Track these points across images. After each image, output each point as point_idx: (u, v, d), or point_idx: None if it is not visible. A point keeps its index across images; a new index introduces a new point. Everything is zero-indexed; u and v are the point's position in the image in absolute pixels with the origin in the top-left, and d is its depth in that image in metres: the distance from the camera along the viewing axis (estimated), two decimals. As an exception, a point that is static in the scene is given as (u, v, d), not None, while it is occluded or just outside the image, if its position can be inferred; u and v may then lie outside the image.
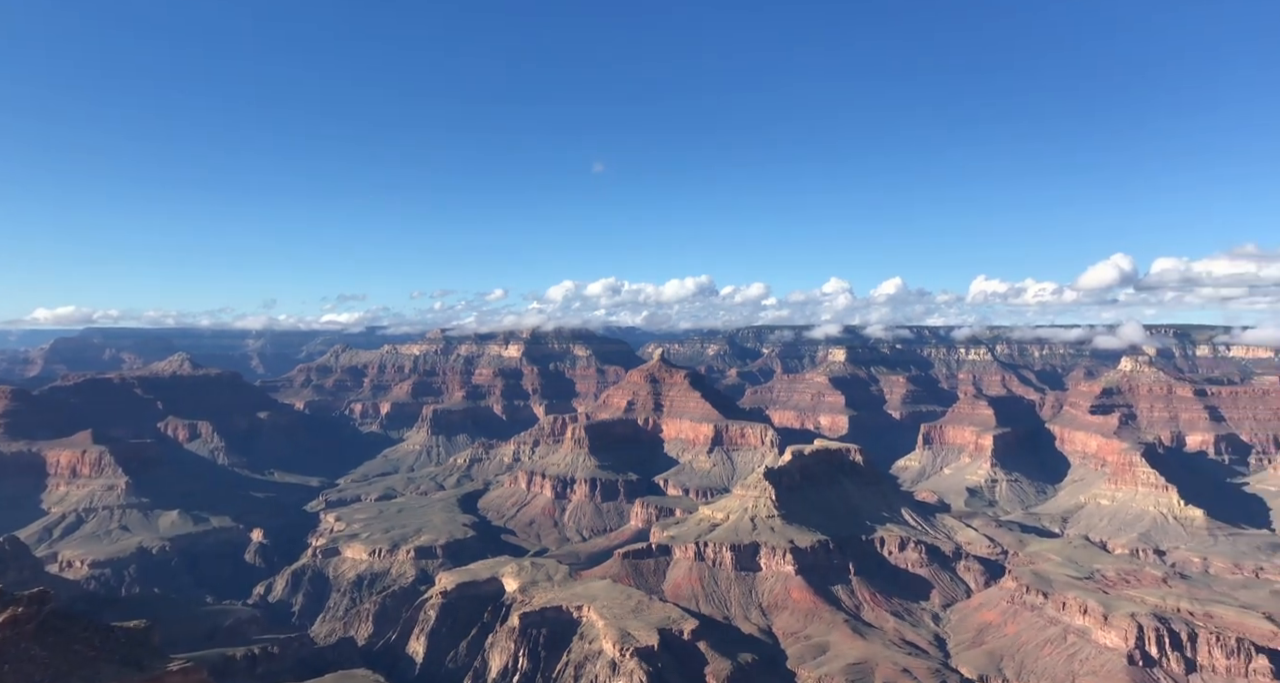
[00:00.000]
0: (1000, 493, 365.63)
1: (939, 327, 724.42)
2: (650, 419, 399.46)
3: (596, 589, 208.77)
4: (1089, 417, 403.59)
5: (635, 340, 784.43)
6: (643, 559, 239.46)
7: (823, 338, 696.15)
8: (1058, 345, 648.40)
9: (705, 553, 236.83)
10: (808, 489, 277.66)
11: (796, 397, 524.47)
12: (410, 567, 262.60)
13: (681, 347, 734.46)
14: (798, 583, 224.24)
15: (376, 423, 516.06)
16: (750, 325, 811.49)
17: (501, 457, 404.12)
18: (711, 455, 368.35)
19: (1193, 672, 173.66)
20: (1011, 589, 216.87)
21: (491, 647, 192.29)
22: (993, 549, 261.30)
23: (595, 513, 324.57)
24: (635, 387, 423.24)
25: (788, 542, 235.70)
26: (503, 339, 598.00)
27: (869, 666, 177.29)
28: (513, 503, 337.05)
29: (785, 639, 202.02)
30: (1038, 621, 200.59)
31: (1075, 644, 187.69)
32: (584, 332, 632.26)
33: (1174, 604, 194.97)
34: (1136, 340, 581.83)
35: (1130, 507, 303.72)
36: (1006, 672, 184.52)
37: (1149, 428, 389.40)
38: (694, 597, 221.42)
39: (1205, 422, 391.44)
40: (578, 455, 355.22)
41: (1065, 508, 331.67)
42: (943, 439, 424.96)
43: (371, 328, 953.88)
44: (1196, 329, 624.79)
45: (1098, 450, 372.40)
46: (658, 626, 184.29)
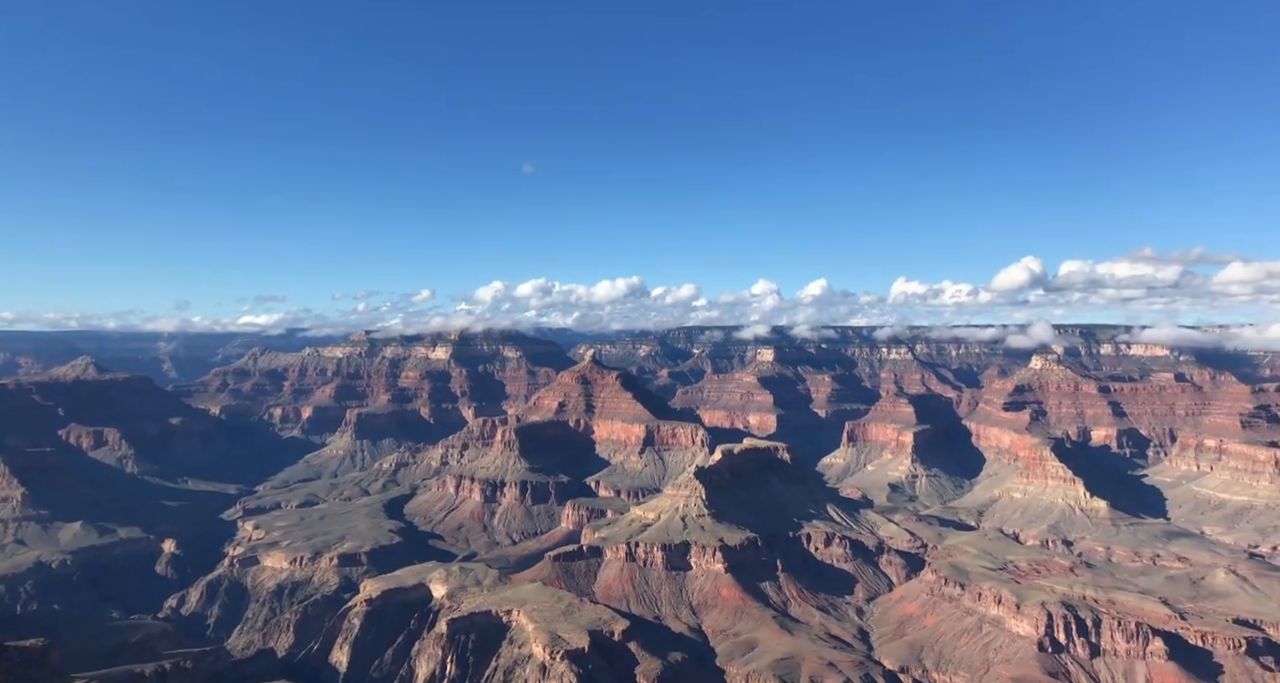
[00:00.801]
0: (920, 488, 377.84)
1: (862, 327, 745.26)
2: (582, 421, 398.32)
3: (527, 593, 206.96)
4: (1002, 413, 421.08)
5: (567, 342, 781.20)
6: (574, 561, 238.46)
7: (752, 338, 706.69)
8: (973, 345, 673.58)
9: (636, 553, 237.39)
10: (737, 488, 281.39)
11: (726, 396, 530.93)
12: (334, 575, 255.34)
13: (613, 348, 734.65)
14: (727, 581, 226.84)
15: (298, 428, 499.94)
16: (681, 326, 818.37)
17: (429, 461, 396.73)
18: (643, 456, 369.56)
19: (1097, 656, 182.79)
20: (931, 582, 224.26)
21: (418, 654, 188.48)
22: (913, 543, 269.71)
23: (526, 516, 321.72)
24: (567, 388, 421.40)
25: (718, 540, 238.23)
26: (430, 341, 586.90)
27: (796, 661, 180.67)
28: (441, 507, 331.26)
29: (715, 637, 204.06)
30: (955, 611, 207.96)
31: (990, 634, 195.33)
32: (514, 333, 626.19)
33: (1080, 592, 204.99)
34: (1046, 340, 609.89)
35: (1041, 500, 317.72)
36: (926, 662, 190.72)
37: (1058, 423, 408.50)
38: (625, 597, 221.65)
39: (1109, 417, 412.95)
40: (508, 458, 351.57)
41: (981, 502, 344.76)
42: (866, 437, 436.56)
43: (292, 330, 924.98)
44: (1100, 328, 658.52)
45: (1011, 446, 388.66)
46: (588, 627, 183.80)
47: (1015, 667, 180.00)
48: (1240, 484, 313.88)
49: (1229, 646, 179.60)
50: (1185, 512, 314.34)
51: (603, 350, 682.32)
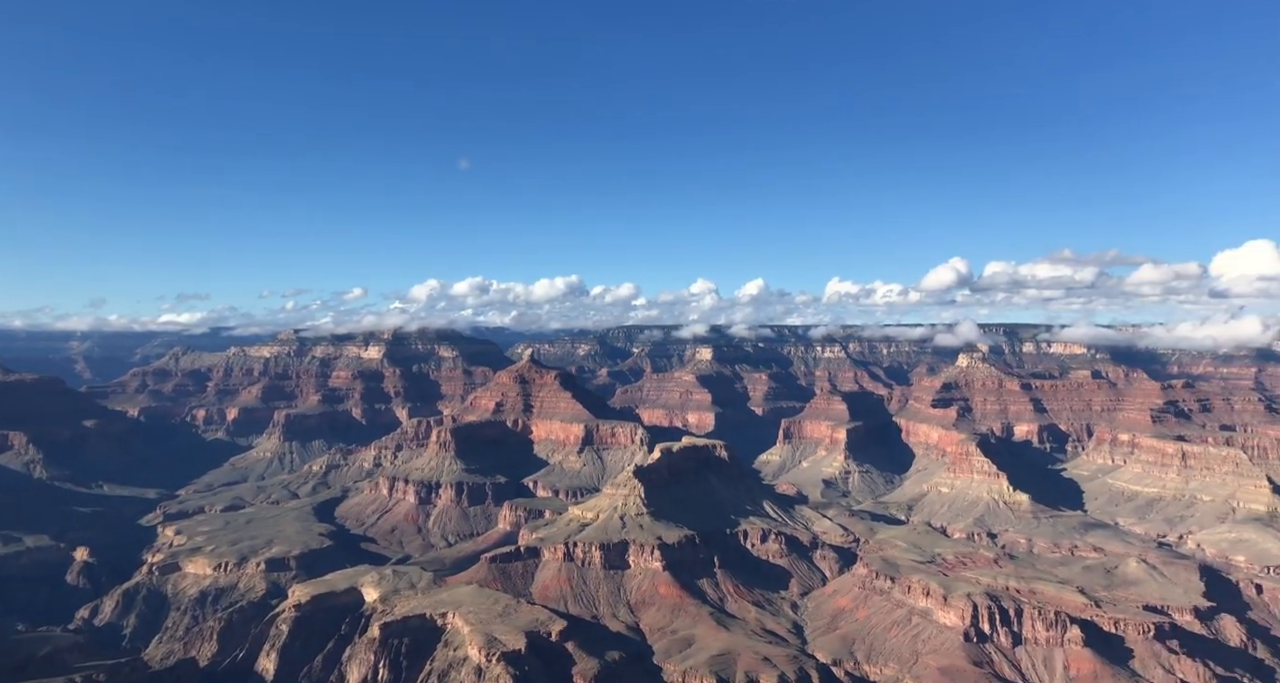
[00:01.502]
0: (853, 484, 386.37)
1: (798, 326, 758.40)
2: (520, 421, 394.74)
3: (462, 595, 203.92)
4: (931, 410, 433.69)
5: (504, 341, 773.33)
6: (511, 562, 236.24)
7: (690, 337, 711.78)
8: (904, 343, 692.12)
9: (574, 553, 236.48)
10: (676, 486, 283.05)
11: (666, 395, 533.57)
12: (260, 580, 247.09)
13: (552, 347, 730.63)
14: (665, 579, 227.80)
15: (222, 430, 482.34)
16: (620, 325, 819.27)
17: (361, 462, 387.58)
18: (582, 455, 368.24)
19: (1019, 645, 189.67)
20: (863, 576, 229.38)
21: (349, 660, 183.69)
22: (846, 538, 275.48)
23: (462, 518, 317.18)
24: (504, 388, 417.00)
25: (656, 539, 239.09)
26: (362, 340, 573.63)
27: (732, 656, 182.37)
28: (373, 510, 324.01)
29: (652, 635, 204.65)
30: (886, 604, 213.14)
31: (919, 625, 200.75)
32: (450, 332, 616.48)
33: (1004, 583, 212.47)
34: (972, 338, 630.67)
35: (967, 493, 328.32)
36: (858, 654, 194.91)
37: (983, 419, 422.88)
38: (563, 598, 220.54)
39: (1030, 413, 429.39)
40: (443, 459, 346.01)
41: (911, 496, 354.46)
42: (801, 434, 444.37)
43: (216, 329, 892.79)
44: (1023, 328, 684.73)
45: (939, 441, 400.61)
46: (525, 629, 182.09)
47: (942, 657, 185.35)
48: (1151, 477, 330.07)
49: (1139, 631, 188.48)
50: (1100, 504, 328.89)
51: (541, 350, 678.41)
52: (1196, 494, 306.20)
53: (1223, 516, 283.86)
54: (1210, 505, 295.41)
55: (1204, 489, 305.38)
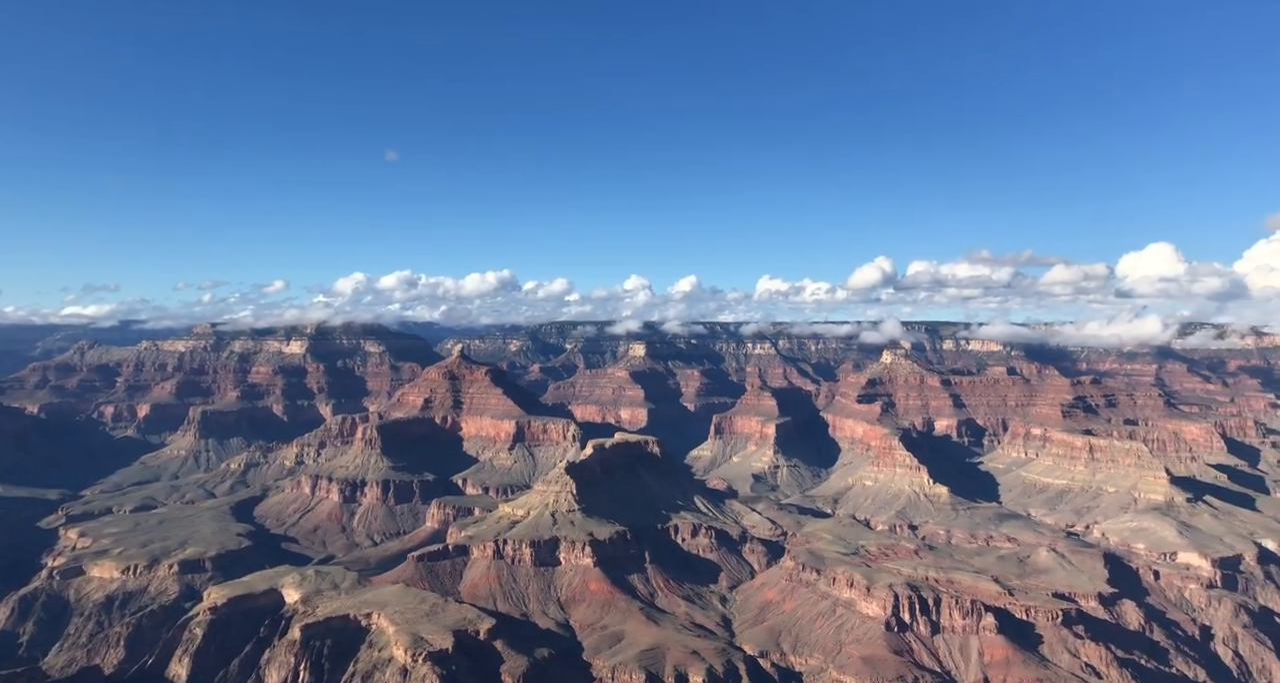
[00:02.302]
0: (782, 478, 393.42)
1: (730, 323, 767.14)
2: (449, 417, 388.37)
3: (388, 595, 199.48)
4: (856, 405, 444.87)
5: (433, 336, 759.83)
6: (439, 561, 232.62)
7: (624, 333, 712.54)
8: (831, 340, 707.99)
9: (504, 551, 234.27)
10: (608, 482, 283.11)
11: (599, 391, 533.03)
12: (173, 583, 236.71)
13: (483, 342, 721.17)
14: (596, 575, 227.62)
15: (133, 427, 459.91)
16: (553, 321, 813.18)
17: (283, 460, 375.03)
18: (513, 452, 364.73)
19: (937, 633, 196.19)
20: (790, 568, 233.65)
21: (268, 663, 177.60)
22: (774, 531, 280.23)
23: (388, 516, 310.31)
24: (433, 384, 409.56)
25: (587, 535, 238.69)
26: (284, 334, 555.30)
27: (661, 650, 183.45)
28: (295, 509, 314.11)
29: (583, 631, 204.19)
30: (812, 596, 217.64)
31: (843, 616, 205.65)
32: (376, 327, 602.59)
33: (923, 574, 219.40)
34: (896, 336, 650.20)
35: (890, 487, 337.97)
36: (784, 646, 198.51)
37: (905, 414, 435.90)
38: (492, 596, 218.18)
39: (950, 408, 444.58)
40: (369, 457, 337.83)
41: (836, 490, 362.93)
42: (732, 429, 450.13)
43: (126, 322, 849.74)
44: (943, 325, 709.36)
45: (864, 436, 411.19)
46: (453, 628, 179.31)
47: (865, 647, 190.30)
48: (1061, 469, 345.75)
49: (1048, 617, 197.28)
50: (1014, 495, 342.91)
51: (471, 345, 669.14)
52: (1102, 486, 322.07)
53: (1125, 506, 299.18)
54: (1114, 496, 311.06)
55: (1109, 481, 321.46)
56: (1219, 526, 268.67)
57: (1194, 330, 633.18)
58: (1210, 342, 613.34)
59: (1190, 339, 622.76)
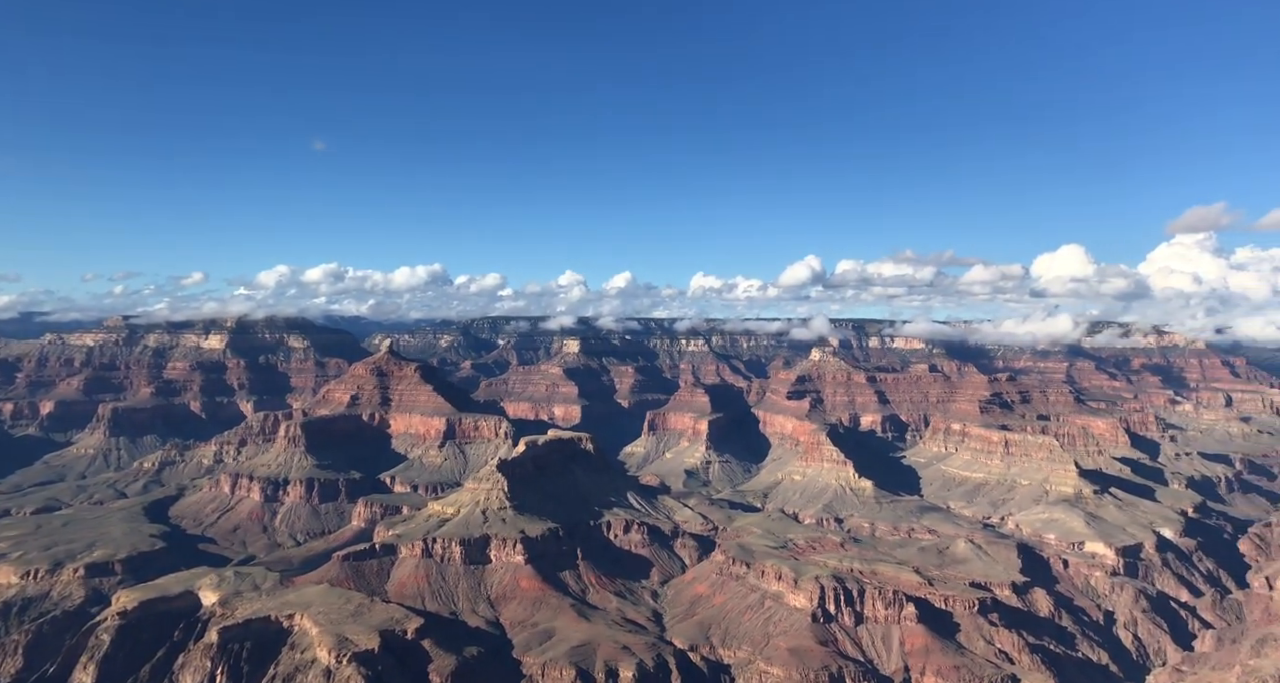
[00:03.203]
0: (714, 473, 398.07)
1: (664, 319, 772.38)
2: (377, 414, 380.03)
3: (311, 595, 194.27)
4: (786, 401, 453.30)
5: (361, 331, 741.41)
6: (365, 560, 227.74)
7: (558, 329, 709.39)
8: (762, 337, 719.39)
9: (434, 549, 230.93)
10: (541, 479, 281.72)
11: (532, 388, 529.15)
12: (78, 587, 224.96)
13: (412, 338, 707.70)
14: (527, 572, 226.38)
15: (35, 425, 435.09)
16: (486, 317, 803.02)
17: (200, 459, 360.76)
18: (443, 449, 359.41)
19: (861, 623, 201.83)
20: (720, 562, 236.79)
21: (182, 668, 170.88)
22: (706, 526, 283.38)
23: (312, 515, 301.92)
24: (360, 380, 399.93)
25: (519, 532, 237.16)
26: (202, 328, 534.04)
27: (592, 646, 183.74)
28: (213, 509, 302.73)
29: (513, 629, 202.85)
30: (741, 589, 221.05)
31: (771, 608, 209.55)
32: (301, 321, 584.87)
33: (849, 566, 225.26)
34: (824, 333, 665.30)
35: (817, 481, 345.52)
36: (713, 639, 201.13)
37: (833, 410, 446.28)
38: (420, 595, 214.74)
39: (875, 404, 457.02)
40: (293, 454, 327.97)
41: (766, 484, 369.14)
42: (666, 425, 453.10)
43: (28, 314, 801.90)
44: (869, 323, 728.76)
45: (793, 431, 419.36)
46: (379, 627, 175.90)
47: (791, 638, 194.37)
48: (978, 463, 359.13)
49: (965, 606, 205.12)
50: (935, 488, 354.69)
51: (401, 341, 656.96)
52: (1016, 478, 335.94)
53: (1038, 497, 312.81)
54: (1027, 489, 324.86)
55: (1023, 474, 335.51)
56: (1122, 516, 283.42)
57: (1101, 329, 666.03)
58: (1116, 340, 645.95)
59: (1098, 338, 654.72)
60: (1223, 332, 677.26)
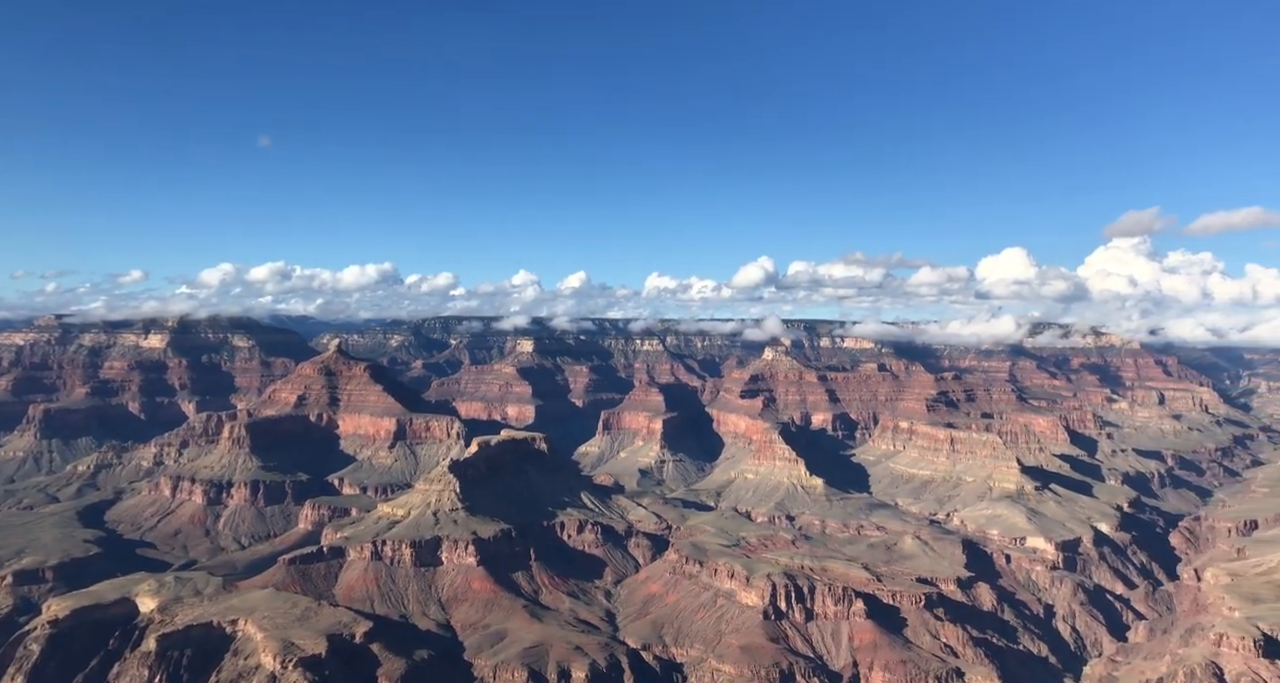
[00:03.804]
0: (668, 472, 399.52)
1: (618, 319, 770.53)
2: (325, 415, 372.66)
3: (256, 600, 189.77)
4: (739, 401, 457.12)
5: (308, 331, 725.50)
6: (312, 564, 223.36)
7: (511, 329, 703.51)
8: (716, 337, 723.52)
9: (383, 552, 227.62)
10: (494, 480, 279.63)
11: (485, 388, 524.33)
12: (5, 596, 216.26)
13: (362, 337, 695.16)
14: (479, 574, 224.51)
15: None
16: (437, 316, 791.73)
17: (139, 462, 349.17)
18: (393, 451, 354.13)
19: (811, 620, 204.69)
20: (673, 561, 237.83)
21: (118, 677, 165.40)
22: (659, 525, 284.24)
23: (257, 518, 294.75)
24: (308, 380, 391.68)
25: (470, 534, 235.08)
26: (142, 327, 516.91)
27: (544, 647, 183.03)
28: (153, 513, 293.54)
29: (464, 631, 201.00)
30: (694, 588, 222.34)
31: (724, 606, 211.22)
32: (246, 320, 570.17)
33: (800, 563, 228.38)
34: (777, 333, 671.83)
35: (770, 479, 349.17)
36: (666, 638, 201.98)
37: (785, 409, 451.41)
38: (369, 598, 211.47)
39: (826, 403, 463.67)
40: (237, 456, 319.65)
41: (720, 483, 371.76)
42: (620, 425, 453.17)
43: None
44: (820, 323, 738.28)
45: (746, 430, 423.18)
46: (327, 632, 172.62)
47: (743, 635, 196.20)
48: (925, 461, 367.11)
49: (912, 602, 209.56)
50: (883, 486, 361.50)
51: (350, 340, 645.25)
52: (962, 476, 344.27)
53: (982, 494, 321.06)
54: (972, 486, 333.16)
55: (968, 471, 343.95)
56: (1062, 511, 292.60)
57: (1043, 330, 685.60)
58: (1056, 341, 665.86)
59: (1039, 338, 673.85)
60: (1156, 332, 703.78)
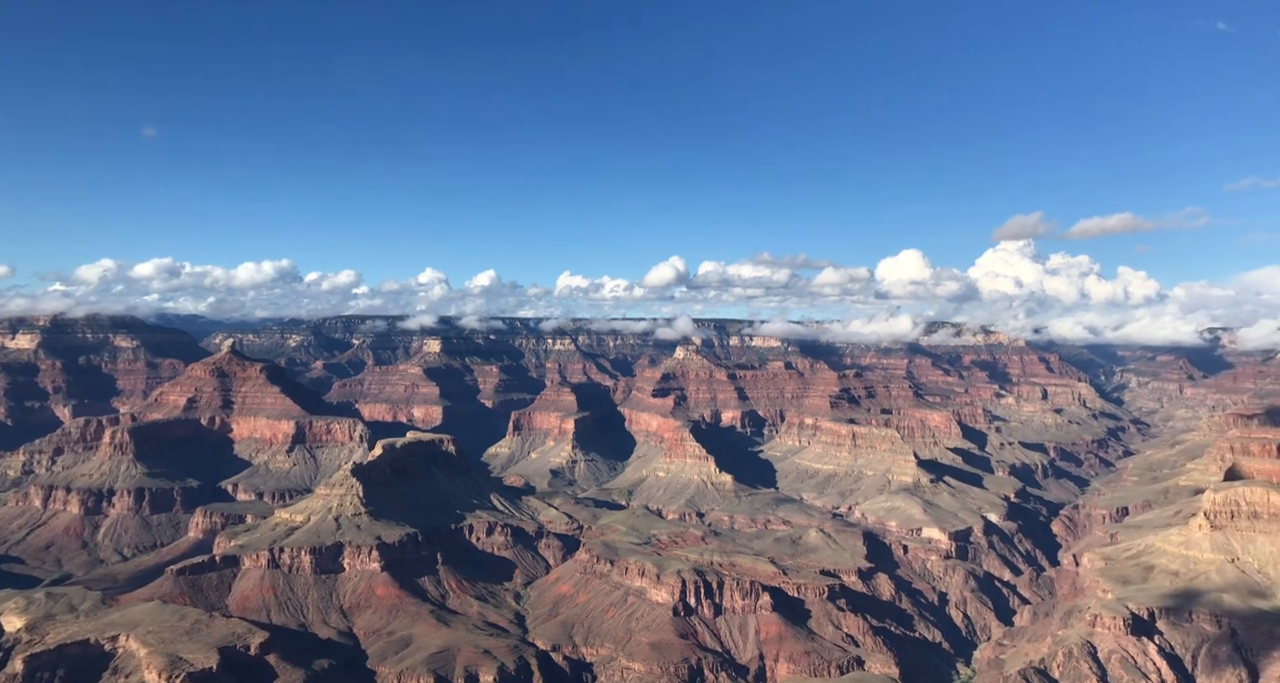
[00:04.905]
0: (580, 472, 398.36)
1: (530, 318, 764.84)
2: (218, 418, 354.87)
3: (139, 614, 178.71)
4: (651, 399, 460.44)
5: (199, 330, 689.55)
6: (203, 574, 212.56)
7: (418, 328, 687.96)
8: (628, 336, 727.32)
9: (281, 559, 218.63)
10: (399, 483, 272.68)
11: (389, 389, 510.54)
12: None
13: (258, 337, 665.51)
14: (383, 579, 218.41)
15: None
16: (339, 315, 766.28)
17: (5, 470, 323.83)
18: (292, 455, 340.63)
19: (720, 615, 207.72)
20: (584, 561, 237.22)
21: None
22: (571, 525, 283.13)
23: (142, 528, 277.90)
24: (199, 382, 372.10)
25: (374, 539, 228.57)
26: (9, 327, 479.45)
27: (451, 652, 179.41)
28: (21, 525, 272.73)
29: (368, 638, 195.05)
30: (605, 587, 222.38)
31: (634, 604, 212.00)
32: (130, 319, 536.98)
33: (709, 559, 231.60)
34: (688, 332, 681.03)
35: (681, 477, 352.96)
36: (576, 638, 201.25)
37: (696, 407, 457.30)
38: (266, 608, 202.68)
39: (735, 400, 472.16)
40: (119, 463, 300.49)
41: (632, 482, 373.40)
42: (531, 425, 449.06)
43: None
44: (730, 323, 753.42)
45: (658, 429, 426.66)
46: (219, 644, 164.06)
47: (653, 633, 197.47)
48: (829, 456, 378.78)
49: (816, 593, 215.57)
50: (790, 481, 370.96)
51: (245, 340, 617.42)
52: (863, 470, 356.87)
53: (881, 487, 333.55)
54: (872, 479, 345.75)
55: (868, 465, 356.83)
56: (955, 502, 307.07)
57: (937, 329, 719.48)
58: (950, 339, 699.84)
59: (934, 337, 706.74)
60: (1040, 331, 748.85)
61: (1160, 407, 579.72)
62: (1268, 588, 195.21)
